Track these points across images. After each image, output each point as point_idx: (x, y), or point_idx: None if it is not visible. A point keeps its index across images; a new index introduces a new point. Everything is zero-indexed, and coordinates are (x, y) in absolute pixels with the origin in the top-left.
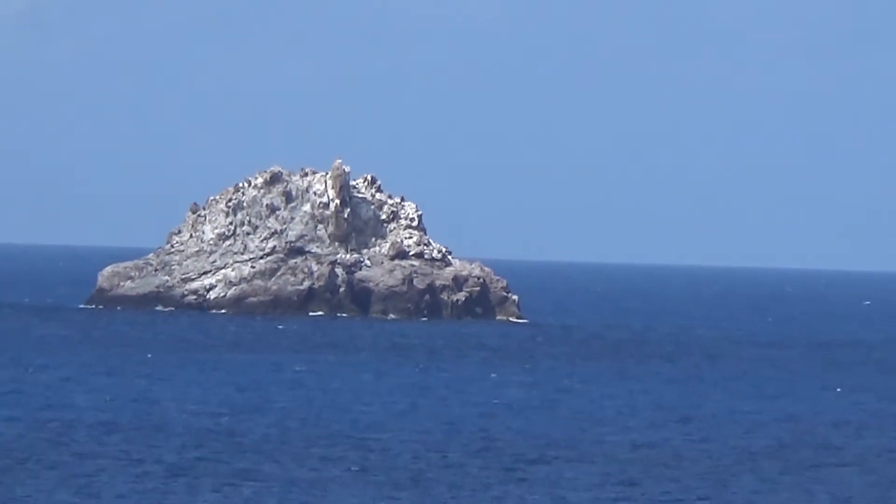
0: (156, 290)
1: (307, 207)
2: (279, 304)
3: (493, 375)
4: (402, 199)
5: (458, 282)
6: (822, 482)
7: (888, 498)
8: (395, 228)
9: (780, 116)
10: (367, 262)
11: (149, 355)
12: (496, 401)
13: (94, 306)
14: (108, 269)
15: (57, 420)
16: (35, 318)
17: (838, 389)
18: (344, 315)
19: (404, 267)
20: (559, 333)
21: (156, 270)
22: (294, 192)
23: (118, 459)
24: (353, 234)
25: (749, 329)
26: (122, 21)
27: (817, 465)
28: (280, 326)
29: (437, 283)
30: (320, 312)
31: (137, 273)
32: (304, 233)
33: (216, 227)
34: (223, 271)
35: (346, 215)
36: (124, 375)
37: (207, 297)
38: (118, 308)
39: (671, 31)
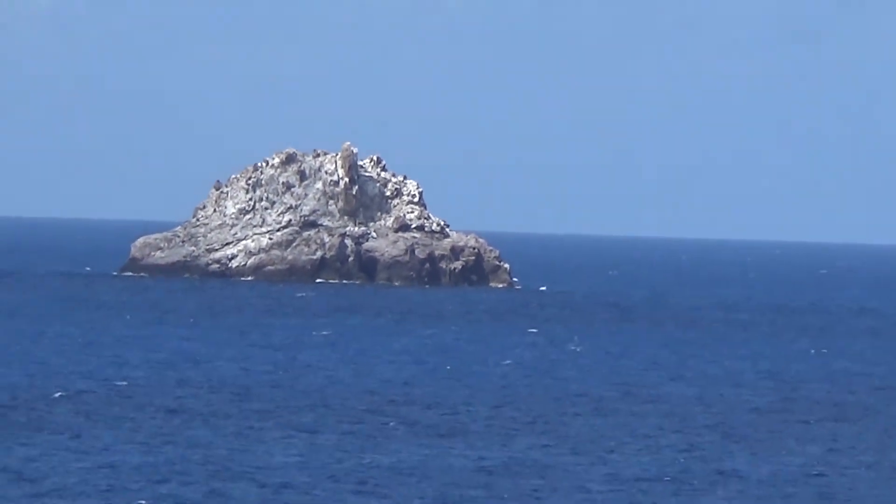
0: (183, 259)
1: (319, 185)
2: (294, 272)
3: (503, 335)
4: (405, 178)
5: (456, 252)
6: (818, 435)
7: (885, 445)
8: (398, 204)
9: (747, 97)
10: (374, 234)
11: (191, 319)
12: (508, 360)
13: (127, 273)
14: (140, 240)
15: (120, 378)
16: (79, 284)
17: (812, 351)
18: (353, 282)
19: (407, 238)
20: (551, 299)
21: (183, 242)
22: (307, 172)
23: (200, 413)
24: (361, 209)
25: (717, 296)
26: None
27: (817, 420)
28: (300, 294)
29: (437, 252)
30: (332, 280)
31: (166, 244)
32: (317, 208)
33: (237, 203)
34: (244, 242)
35: (354, 192)
36: (178, 337)
37: (229, 265)
38: (147, 275)
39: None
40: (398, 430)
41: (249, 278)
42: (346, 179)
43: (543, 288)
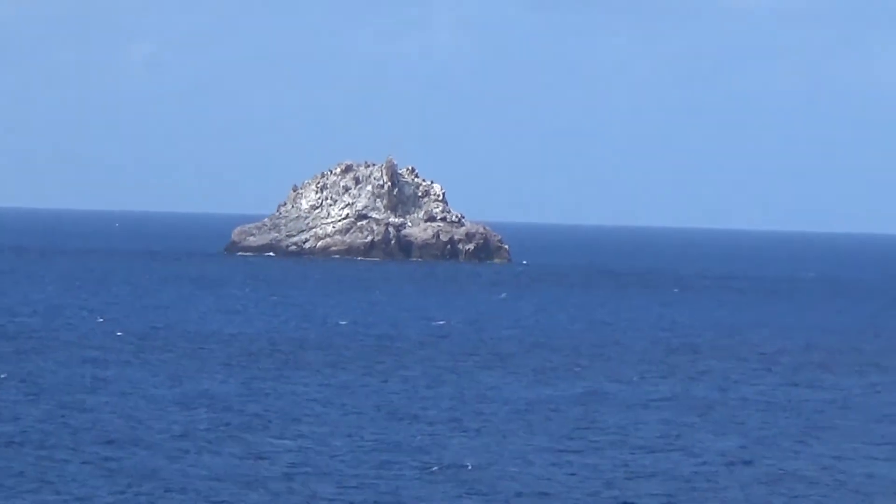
0: (269, 242)
1: (369, 188)
2: (351, 252)
3: (503, 295)
4: (432, 182)
5: (469, 236)
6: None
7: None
8: (427, 201)
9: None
10: (409, 224)
11: (300, 290)
12: (515, 315)
13: (228, 252)
14: (238, 228)
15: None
16: (200, 260)
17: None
18: (393, 260)
19: (433, 227)
20: (541, 271)
21: (269, 229)
22: (360, 178)
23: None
24: (400, 205)
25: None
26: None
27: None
28: (360, 267)
29: (455, 237)
30: (377, 258)
31: (257, 231)
32: (367, 204)
33: (309, 201)
34: (314, 230)
35: (395, 193)
36: (292, 303)
37: (303, 246)
38: (243, 255)
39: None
40: (451, 364)
41: (316, 257)
42: (389, 184)
43: (525, 262)
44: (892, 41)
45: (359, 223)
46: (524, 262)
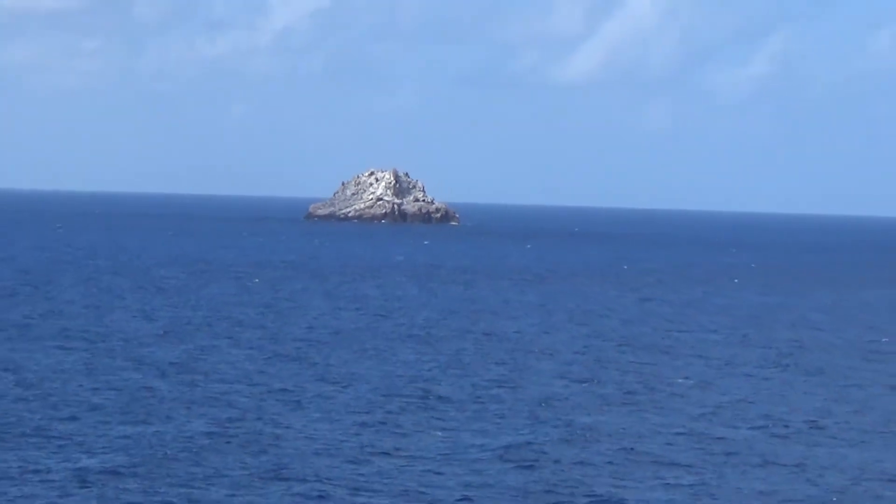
0: (329, 212)
1: (384, 183)
2: (374, 219)
3: (426, 242)
4: (417, 180)
5: (437, 210)
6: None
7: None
8: (415, 191)
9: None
10: (405, 203)
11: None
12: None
13: (307, 219)
14: (312, 205)
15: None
16: (295, 223)
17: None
18: (396, 224)
19: (417, 205)
20: (481, 231)
21: (329, 206)
22: (378, 178)
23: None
24: (400, 193)
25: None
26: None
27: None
28: (385, 229)
29: (430, 210)
30: (387, 222)
31: (324, 206)
32: (382, 193)
33: (350, 190)
34: (354, 206)
35: (397, 186)
36: (363, 248)
37: (348, 215)
38: (315, 220)
39: None
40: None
41: (356, 221)
42: (394, 181)
43: (457, 224)
44: None
45: (378, 203)
46: (468, 224)
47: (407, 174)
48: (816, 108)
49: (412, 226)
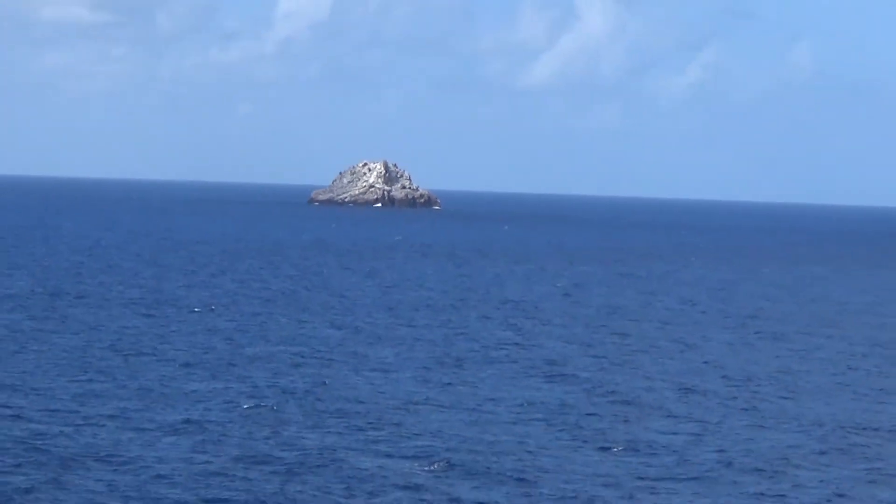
0: (329, 198)
1: (375, 173)
2: (367, 203)
3: (397, 237)
4: (404, 170)
5: (421, 196)
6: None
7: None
8: (402, 179)
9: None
10: (393, 190)
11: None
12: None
13: (309, 203)
14: (315, 191)
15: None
16: (299, 207)
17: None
18: (385, 208)
19: (404, 191)
20: (460, 215)
21: (330, 192)
22: (371, 168)
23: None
24: (389, 181)
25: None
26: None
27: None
28: (378, 212)
29: (414, 196)
30: (379, 207)
31: (324, 192)
32: (374, 181)
33: (347, 179)
34: (349, 192)
35: (387, 175)
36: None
37: (346, 201)
38: (316, 205)
39: None
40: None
41: (351, 205)
42: (384, 171)
43: (439, 208)
44: None
45: (370, 189)
46: (449, 209)
47: (395, 165)
48: (742, 111)
49: (400, 210)
